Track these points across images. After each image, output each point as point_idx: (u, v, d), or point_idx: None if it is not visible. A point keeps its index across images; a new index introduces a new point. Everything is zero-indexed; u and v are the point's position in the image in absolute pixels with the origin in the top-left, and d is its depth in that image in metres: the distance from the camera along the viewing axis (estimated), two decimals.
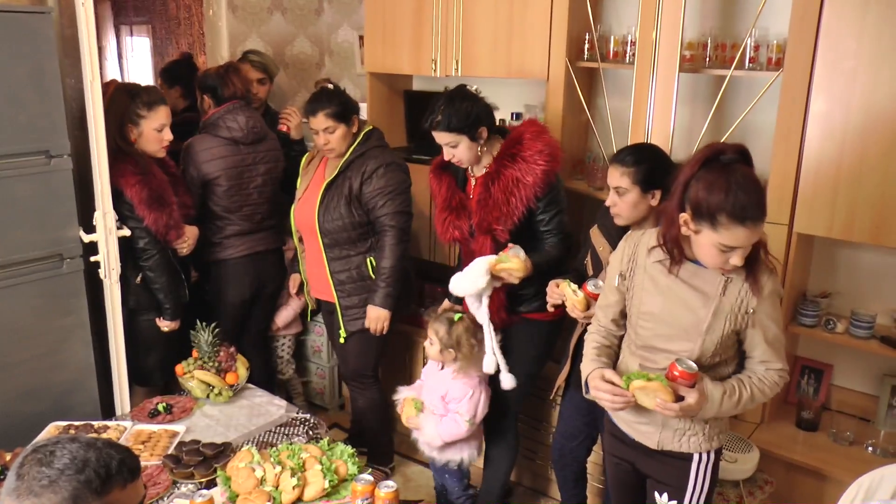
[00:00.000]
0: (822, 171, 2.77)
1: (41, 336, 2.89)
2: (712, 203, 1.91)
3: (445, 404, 3.00)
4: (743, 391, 2.09)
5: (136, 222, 3.10)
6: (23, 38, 2.67)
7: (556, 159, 2.89)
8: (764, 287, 2.07)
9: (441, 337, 2.95)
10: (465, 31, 3.57)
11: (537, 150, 2.87)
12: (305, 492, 2.40)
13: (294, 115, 3.84)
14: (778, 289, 2.12)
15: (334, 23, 4.68)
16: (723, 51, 3.07)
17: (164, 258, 3.21)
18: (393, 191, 3.23)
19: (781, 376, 2.15)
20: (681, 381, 2.02)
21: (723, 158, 1.97)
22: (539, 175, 2.85)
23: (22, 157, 2.73)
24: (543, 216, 2.92)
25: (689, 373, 2.01)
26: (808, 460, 2.89)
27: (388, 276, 3.26)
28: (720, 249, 1.95)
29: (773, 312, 2.10)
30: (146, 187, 3.09)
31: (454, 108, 2.87)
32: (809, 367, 3.23)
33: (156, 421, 2.90)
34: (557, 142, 2.97)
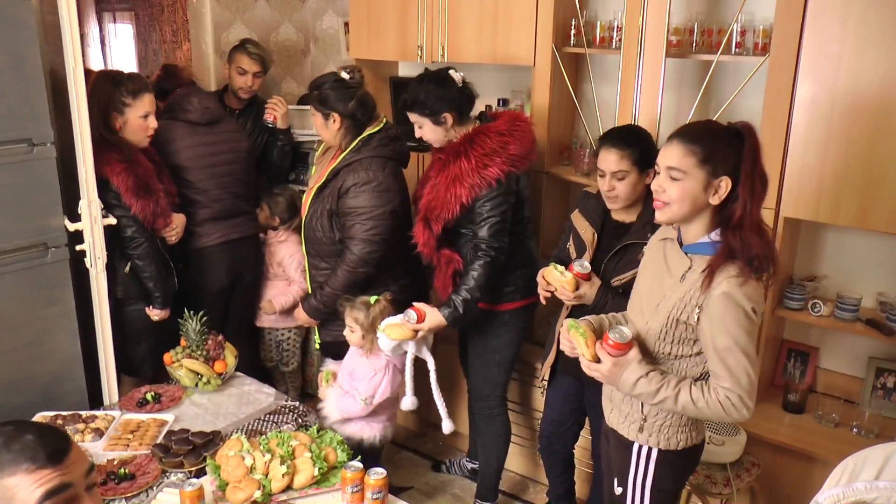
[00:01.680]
0: (809, 155, 2.78)
1: (26, 326, 2.86)
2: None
3: (351, 381, 2.99)
4: (667, 389, 1.99)
5: (123, 211, 3.08)
6: (2, 25, 2.63)
7: (512, 162, 2.79)
8: (715, 287, 1.93)
9: (361, 322, 2.92)
10: (451, 17, 3.56)
11: (484, 152, 2.79)
12: (295, 479, 2.40)
13: (280, 105, 3.81)
14: (736, 296, 1.90)
15: (319, 9, 4.65)
16: (709, 36, 3.08)
17: (152, 246, 3.19)
18: (364, 214, 2.99)
19: (728, 398, 1.95)
20: (605, 346, 2.02)
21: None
22: (477, 179, 2.78)
23: (3, 146, 2.69)
24: (475, 224, 2.86)
25: (617, 342, 2.01)
26: (794, 442, 2.92)
27: (326, 298, 3.09)
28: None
29: (723, 319, 1.93)
30: (132, 175, 3.07)
31: (421, 89, 2.87)
32: (795, 351, 3.26)
33: (144, 410, 2.89)
34: (526, 143, 2.86)
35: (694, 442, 2.16)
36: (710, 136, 1.94)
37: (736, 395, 1.95)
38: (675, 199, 1.97)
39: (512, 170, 2.82)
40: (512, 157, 2.81)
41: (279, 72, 4.60)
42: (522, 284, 3.03)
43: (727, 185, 1.91)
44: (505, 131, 2.85)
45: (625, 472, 2.22)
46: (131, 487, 2.39)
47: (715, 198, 1.93)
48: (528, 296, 3.03)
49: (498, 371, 3.16)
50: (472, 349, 3.19)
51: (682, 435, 2.13)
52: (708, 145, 1.92)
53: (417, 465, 3.78)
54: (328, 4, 4.61)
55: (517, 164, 2.83)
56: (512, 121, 2.91)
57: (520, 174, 2.89)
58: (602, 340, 2.04)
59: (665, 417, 2.11)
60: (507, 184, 2.82)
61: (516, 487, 3.64)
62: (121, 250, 3.16)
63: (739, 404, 1.95)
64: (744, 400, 1.95)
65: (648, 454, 2.16)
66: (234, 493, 2.32)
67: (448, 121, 2.87)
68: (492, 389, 3.20)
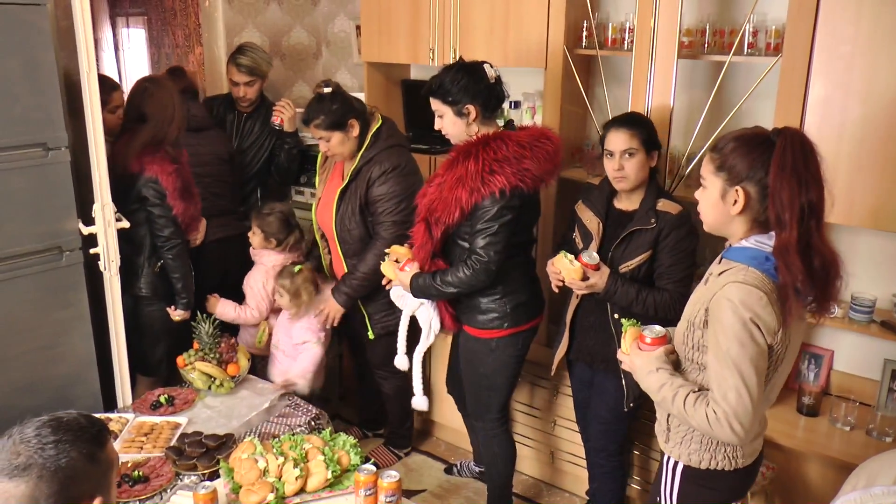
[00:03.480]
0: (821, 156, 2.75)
1: (40, 329, 2.88)
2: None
3: (295, 346, 3.39)
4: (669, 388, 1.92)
5: (163, 210, 3.14)
6: (18, 31, 2.66)
7: (522, 177, 2.64)
8: (721, 289, 1.83)
9: (288, 288, 3.31)
10: (463, 20, 3.56)
11: (495, 158, 2.64)
12: (308, 482, 2.40)
13: (287, 108, 3.81)
14: (734, 301, 1.78)
15: (330, 13, 4.66)
16: (721, 37, 3.06)
17: (186, 248, 3.26)
18: (394, 198, 3.14)
19: (714, 412, 1.81)
20: (640, 340, 2.05)
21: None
22: (479, 184, 2.64)
23: (19, 150, 2.72)
24: (472, 234, 2.73)
25: (652, 337, 2.03)
26: (809, 446, 2.89)
27: (356, 282, 3.23)
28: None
29: (719, 323, 1.82)
30: (180, 178, 3.19)
31: (449, 75, 2.75)
32: (810, 353, 3.23)
33: (158, 413, 2.90)
34: (545, 163, 2.71)
35: (721, 466, 2.00)
36: (733, 141, 1.85)
37: (721, 412, 1.80)
38: (702, 208, 1.93)
39: (520, 185, 2.65)
40: (523, 172, 2.65)
41: (290, 75, 4.61)
42: (510, 312, 2.88)
43: (743, 194, 1.81)
44: (525, 143, 2.68)
45: (658, 480, 2.17)
46: (145, 490, 2.41)
47: (734, 208, 1.84)
48: (518, 324, 2.91)
49: (489, 395, 3.05)
50: (462, 370, 3.11)
51: (706, 454, 2.00)
52: (729, 150, 1.84)
53: (430, 468, 3.78)
54: (340, 8, 4.62)
55: (527, 180, 2.66)
56: (537, 136, 2.74)
57: (529, 193, 2.71)
58: (640, 337, 2.05)
59: (686, 431, 2.02)
60: (511, 198, 2.66)
61: (530, 491, 3.63)
62: (152, 249, 3.20)
63: (725, 422, 1.80)
64: (729, 419, 1.79)
65: (675, 467, 2.09)
66: (247, 496, 2.32)
67: (470, 114, 2.74)
68: (485, 412, 3.09)
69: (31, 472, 1.41)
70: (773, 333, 1.80)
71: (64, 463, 1.43)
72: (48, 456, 1.43)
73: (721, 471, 2.00)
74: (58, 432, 1.46)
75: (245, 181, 4.02)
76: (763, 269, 1.80)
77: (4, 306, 2.78)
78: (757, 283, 1.78)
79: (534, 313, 2.98)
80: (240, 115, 3.97)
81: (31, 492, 1.41)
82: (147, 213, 3.18)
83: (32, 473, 1.41)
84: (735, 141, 1.84)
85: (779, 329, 1.80)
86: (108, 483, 1.54)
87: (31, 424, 1.49)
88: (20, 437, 1.46)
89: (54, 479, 1.42)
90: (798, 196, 1.74)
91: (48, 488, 1.41)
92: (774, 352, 1.84)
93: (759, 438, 2.10)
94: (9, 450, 1.45)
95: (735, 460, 2.00)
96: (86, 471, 1.47)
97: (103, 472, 1.52)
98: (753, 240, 1.85)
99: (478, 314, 2.90)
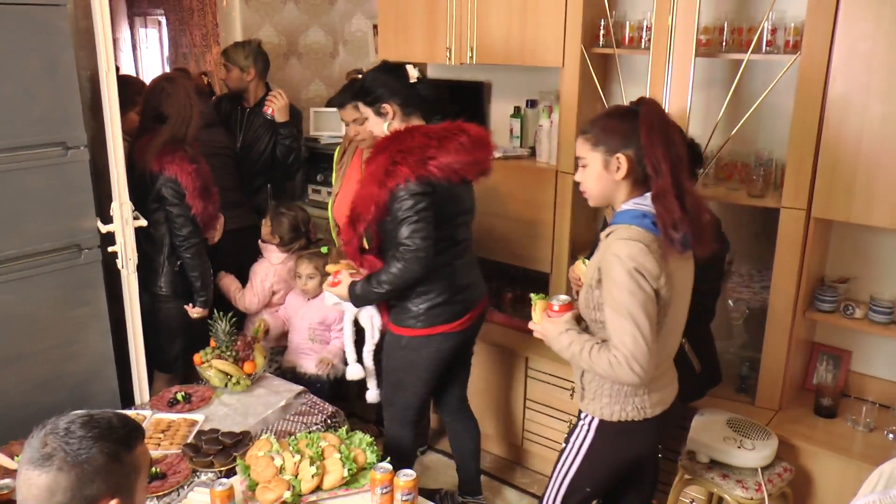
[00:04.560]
0: (841, 154, 2.74)
1: (58, 326, 2.91)
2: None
3: (326, 328, 3.52)
4: (577, 344, 2.14)
5: (182, 210, 3.16)
6: (38, 31, 2.68)
7: (426, 166, 2.60)
8: (609, 249, 2.05)
9: (320, 269, 3.41)
10: (480, 19, 3.55)
11: (400, 149, 2.63)
12: (325, 480, 2.41)
13: (279, 98, 3.79)
14: (621, 256, 2.00)
15: (347, 11, 4.67)
16: (739, 35, 3.05)
17: (204, 246, 3.27)
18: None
19: (615, 357, 2.03)
20: (548, 309, 2.27)
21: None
22: (383, 176, 2.62)
23: (38, 149, 2.74)
24: (396, 227, 2.68)
25: (560, 304, 2.25)
26: (827, 447, 2.88)
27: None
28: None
29: (611, 278, 2.03)
30: (199, 177, 3.20)
31: (368, 76, 2.82)
32: (828, 354, 3.21)
33: (175, 410, 2.92)
34: (458, 154, 2.65)
35: (630, 416, 2.20)
36: (602, 119, 2.13)
37: (622, 355, 2.02)
38: (586, 184, 2.17)
39: (426, 174, 2.61)
40: (427, 160, 2.61)
41: (307, 74, 4.62)
42: (423, 312, 2.80)
43: (625, 159, 2.06)
44: (433, 134, 2.66)
45: (572, 432, 2.35)
46: (162, 486, 2.42)
47: (618, 173, 2.08)
48: (433, 325, 2.81)
49: (394, 390, 2.99)
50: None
51: (616, 406, 2.20)
52: (599, 128, 2.10)
53: (447, 467, 3.77)
54: (357, 7, 4.63)
55: (435, 170, 2.61)
56: (450, 128, 2.71)
57: (443, 183, 2.65)
58: (549, 306, 2.27)
59: (598, 387, 2.22)
60: (421, 186, 2.61)
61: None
62: (171, 248, 3.22)
63: (625, 365, 2.02)
64: (629, 361, 2.01)
65: (591, 423, 2.27)
66: (263, 494, 2.33)
67: (388, 113, 2.76)
68: (387, 404, 3.04)
69: (52, 463, 1.43)
70: (657, 279, 2.01)
71: (83, 458, 1.44)
72: (71, 450, 1.44)
73: (632, 421, 2.21)
74: (86, 427, 1.47)
75: (252, 176, 4.02)
76: (642, 224, 2.04)
77: (24, 304, 2.80)
78: (637, 237, 2.01)
79: (454, 316, 2.84)
80: (243, 110, 3.98)
81: (49, 482, 1.42)
82: (166, 213, 3.20)
83: (54, 464, 1.43)
84: (604, 119, 2.13)
85: (661, 274, 2.01)
86: (130, 486, 1.52)
87: (66, 417, 1.50)
88: (52, 428, 1.48)
89: (72, 473, 1.43)
90: (668, 150, 2.02)
91: (65, 480, 1.43)
92: (661, 296, 2.04)
93: (667, 389, 2.28)
94: (40, 439, 1.47)
95: (644, 410, 2.20)
96: (107, 469, 1.46)
97: (126, 475, 1.51)
98: (632, 202, 2.10)
99: (396, 309, 2.86)
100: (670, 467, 3.20)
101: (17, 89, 2.66)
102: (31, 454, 1.45)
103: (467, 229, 2.91)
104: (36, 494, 1.43)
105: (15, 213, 2.73)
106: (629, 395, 2.18)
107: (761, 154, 3.12)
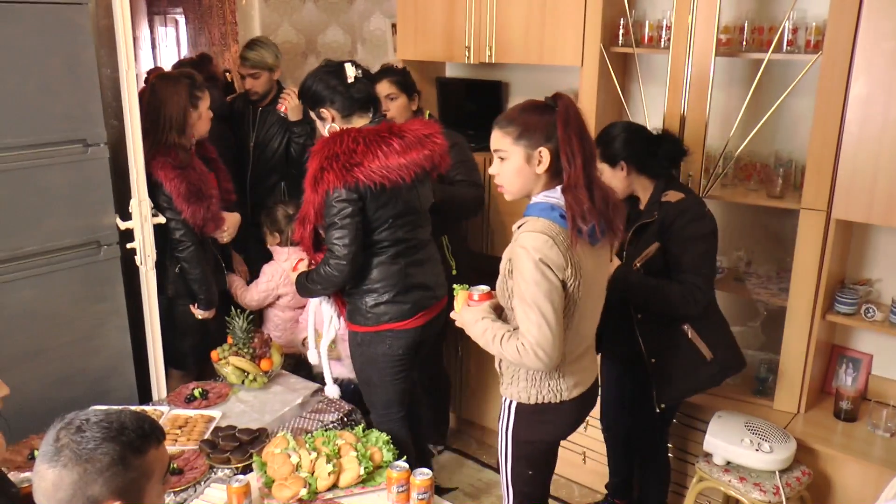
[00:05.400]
0: (862, 155, 2.71)
1: (78, 322, 2.93)
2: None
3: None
4: (490, 332, 2.18)
5: (173, 214, 3.13)
6: (59, 29, 2.70)
7: (352, 171, 2.59)
8: (518, 241, 2.11)
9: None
10: (499, 18, 3.55)
11: (327, 155, 2.62)
12: (341, 478, 2.41)
13: (292, 97, 3.73)
14: (527, 248, 2.06)
15: (366, 10, 4.67)
16: (760, 34, 3.03)
17: (199, 250, 3.23)
18: (464, 162, 3.34)
19: (523, 345, 2.08)
20: (469, 299, 2.33)
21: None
22: (312, 182, 2.65)
23: (59, 146, 2.76)
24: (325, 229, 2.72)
25: (479, 294, 2.31)
26: (846, 452, 2.85)
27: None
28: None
29: (518, 269, 2.09)
30: (185, 181, 3.11)
31: (306, 83, 2.81)
32: (847, 357, 3.18)
33: (192, 406, 2.93)
34: (388, 157, 2.63)
35: (547, 399, 2.26)
36: (522, 114, 2.15)
37: (528, 343, 2.08)
38: (505, 178, 2.19)
39: (355, 181, 2.60)
40: (353, 167, 2.59)
41: None
42: (369, 309, 2.80)
43: (547, 153, 2.10)
44: (363, 138, 2.64)
45: (498, 420, 2.40)
46: (179, 482, 2.43)
47: (539, 167, 2.13)
48: (379, 322, 2.80)
49: (367, 389, 2.99)
50: None
51: (533, 390, 2.26)
52: (520, 123, 2.13)
53: (463, 466, 3.78)
54: (376, 6, 4.63)
55: (360, 176, 2.60)
56: (381, 130, 2.69)
57: (372, 188, 2.63)
58: (469, 296, 2.33)
59: (515, 371, 2.28)
60: (347, 192, 2.61)
61: (561, 491, 3.64)
62: (171, 251, 3.21)
63: (531, 352, 2.07)
64: (534, 348, 2.07)
65: (510, 406, 2.33)
66: (280, 491, 2.34)
67: (327, 117, 2.77)
68: (370, 405, 3.04)
69: (60, 459, 1.42)
70: (563, 269, 2.07)
71: (87, 457, 1.42)
72: (78, 447, 1.42)
73: (548, 404, 2.27)
74: (98, 426, 1.45)
75: (266, 174, 4.01)
76: (550, 217, 2.09)
77: (44, 299, 2.83)
78: (544, 230, 2.07)
79: (402, 315, 2.82)
80: (255, 108, 3.97)
81: (55, 477, 1.42)
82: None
83: (61, 460, 1.42)
84: (526, 114, 2.16)
85: (566, 265, 2.07)
86: (137, 490, 1.48)
87: (85, 413, 1.49)
88: (67, 423, 1.47)
89: (75, 471, 1.41)
90: (582, 144, 2.08)
91: (69, 477, 1.41)
92: (568, 286, 2.10)
93: (586, 372, 2.34)
94: (54, 433, 1.46)
95: (560, 394, 2.27)
96: (111, 471, 1.43)
97: (132, 479, 1.46)
98: (542, 195, 2.15)
99: (349, 306, 2.88)
100: (687, 469, 3.18)
101: (39, 87, 2.69)
102: (45, 448, 1.45)
103: (417, 229, 2.85)
104: (45, 488, 1.43)
105: (36, 209, 2.76)
106: (544, 378, 2.25)
107: (781, 155, 3.10)
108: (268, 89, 3.93)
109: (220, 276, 3.41)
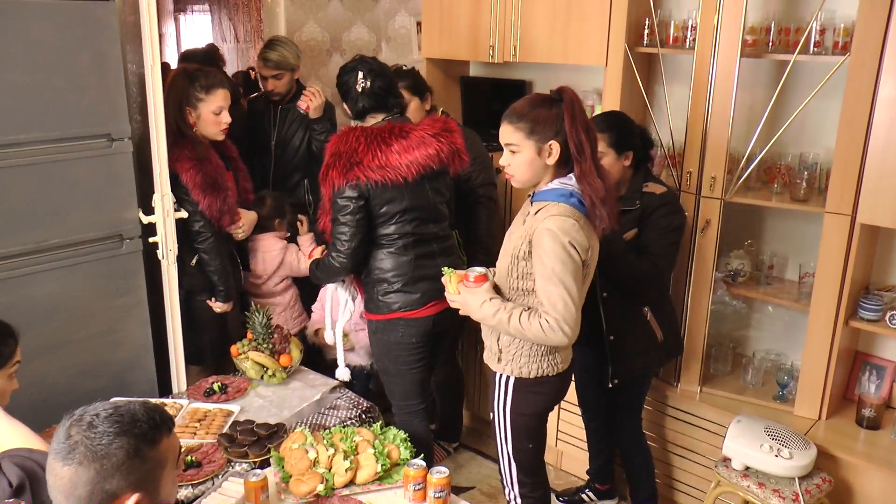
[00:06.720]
0: (889, 159, 2.68)
1: (101, 314, 2.96)
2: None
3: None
4: (504, 312, 2.29)
5: (191, 205, 3.14)
6: (87, 26, 2.73)
7: (352, 170, 2.70)
8: (541, 223, 2.23)
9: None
10: (523, 17, 3.54)
11: (333, 152, 2.76)
12: (358, 475, 2.42)
13: (316, 95, 3.71)
14: (554, 230, 2.19)
15: (391, 9, 4.67)
16: (786, 35, 2.99)
17: (218, 241, 3.24)
18: (476, 158, 3.34)
19: (547, 321, 2.22)
20: (464, 280, 2.42)
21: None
22: (321, 179, 2.81)
23: (84, 141, 2.79)
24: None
25: (475, 276, 2.39)
26: (869, 460, 2.82)
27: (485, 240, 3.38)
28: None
29: (544, 250, 2.21)
30: (201, 172, 3.13)
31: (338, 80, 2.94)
32: (871, 364, 3.14)
33: (211, 400, 2.95)
34: (386, 156, 2.72)
35: (546, 372, 2.41)
36: (532, 110, 2.28)
37: (553, 319, 2.21)
38: (516, 169, 2.33)
39: (356, 179, 2.71)
40: (354, 166, 2.70)
41: None
42: (380, 298, 2.89)
43: (557, 146, 2.25)
44: (363, 138, 2.74)
45: (492, 399, 2.52)
46: (197, 475, 2.45)
47: (550, 159, 2.27)
48: (390, 311, 2.88)
49: (386, 378, 3.08)
50: None
51: (534, 365, 2.39)
52: (531, 118, 2.26)
53: (480, 465, 3.77)
54: (401, 4, 4.63)
55: (362, 176, 2.70)
56: (384, 130, 2.77)
57: (373, 185, 2.72)
58: (464, 278, 2.42)
59: (517, 348, 2.39)
60: (348, 190, 2.72)
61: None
62: (189, 244, 3.23)
63: (556, 327, 2.21)
64: (560, 324, 2.21)
65: (507, 382, 2.45)
66: (297, 486, 2.35)
67: (348, 112, 2.91)
68: (389, 395, 3.12)
69: (74, 457, 1.42)
70: (586, 250, 2.25)
71: (103, 453, 1.42)
72: (92, 444, 1.42)
73: (546, 376, 2.42)
74: (109, 421, 1.45)
75: (288, 173, 4.02)
76: (569, 202, 2.25)
77: (68, 292, 2.86)
78: (568, 214, 2.23)
79: (411, 304, 2.88)
80: (276, 106, 3.98)
81: (71, 475, 1.42)
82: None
83: (76, 458, 1.42)
84: (535, 109, 2.28)
85: (589, 247, 2.26)
86: (154, 480, 1.49)
87: (94, 408, 1.49)
88: (77, 419, 1.47)
89: (91, 468, 1.41)
90: (588, 135, 2.24)
91: (86, 474, 1.41)
92: (586, 265, 2.28)
93: (571, 347, 2.47)
94: (65, 430, 1.46)
95: (557, 366, 2.42)
96: (127, 465, 1.44)
97: (148, 470, 1.48)
98: (557, 182, 2.29)
99: (365, 296, 2.99)
100: (706, 473, 3.16)
101: (66, 83, 2.71)
102: (57, 445, 1.45)
103: (428, 224, 2.90)
104: (61, 485, 1.43)
105: (61, 202, 2.78)
106: (545, 353, 2.39)
107: (805, 157, 3.06)
108: (289, 88, 3.94)
109: (236, 272, 3.42)
